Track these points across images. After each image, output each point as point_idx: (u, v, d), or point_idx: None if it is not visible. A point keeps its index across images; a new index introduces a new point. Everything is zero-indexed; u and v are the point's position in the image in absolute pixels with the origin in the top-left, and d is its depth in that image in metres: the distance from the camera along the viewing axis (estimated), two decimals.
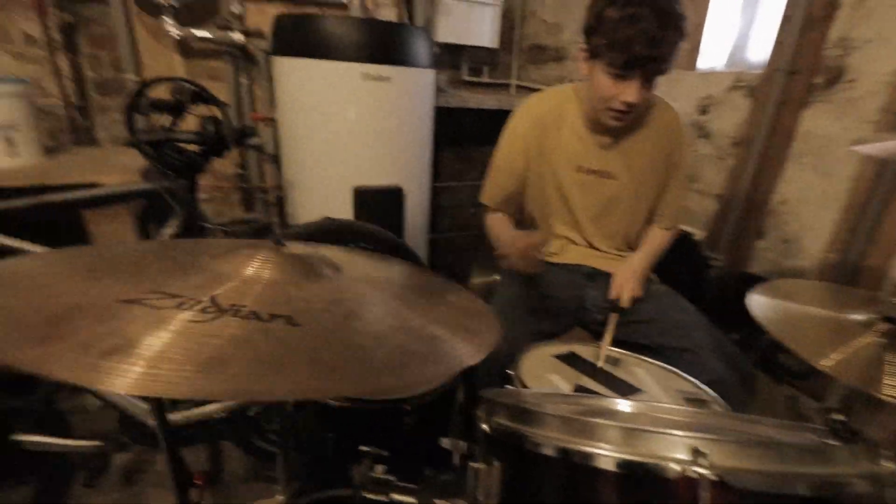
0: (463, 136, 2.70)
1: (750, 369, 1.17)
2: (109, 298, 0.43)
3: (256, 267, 0.55)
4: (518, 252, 1.15)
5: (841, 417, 0.47)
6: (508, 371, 1.01)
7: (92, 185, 1.27)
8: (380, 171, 1.80)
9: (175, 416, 1.16)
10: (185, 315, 0.42)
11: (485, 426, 0.50)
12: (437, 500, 0.55)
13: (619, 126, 1.19)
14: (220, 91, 1.94)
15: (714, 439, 0.38)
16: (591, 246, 1.38)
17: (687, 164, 1.38)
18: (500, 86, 2.72)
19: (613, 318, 1.21)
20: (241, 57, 1.91)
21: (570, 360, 1.10)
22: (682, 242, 1.85)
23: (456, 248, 2.89)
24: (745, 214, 1.72)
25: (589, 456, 0.41)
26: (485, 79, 2.65)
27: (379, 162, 1.79)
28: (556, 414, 0.45)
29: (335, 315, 0.48)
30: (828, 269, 1.49)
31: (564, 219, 1.37)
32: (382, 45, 1.68)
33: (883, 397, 0.73)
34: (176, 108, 1.11)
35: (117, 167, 1.47)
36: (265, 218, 2.07)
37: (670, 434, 0.38)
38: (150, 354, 0.36)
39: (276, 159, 2.00)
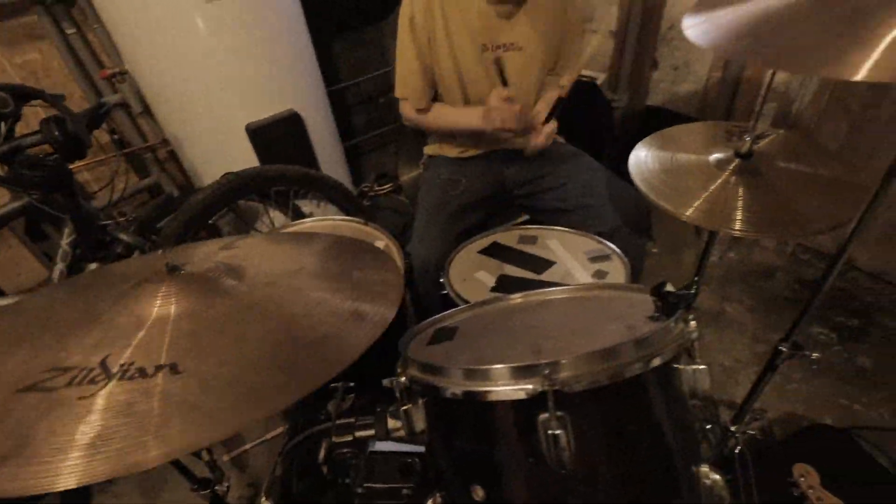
0: (351, 20, 2.42)
1: (647, 207, 1.31)
2: (9, 388, 0.46)
3: (155, 306, 0.58)
4: (510, 117, 1.18)
5: (668, 290, 0.59)
6: (441, 279, 1.13)
7: None
8: (268, 98, 1.65)
9: None
10: (75, 392, 0.46)
11: (403, 379, 0.61)
12: (390, 426, 0.68)
13: None
14: (48, 51, 1.65)
15: (564, 362, 0.50)
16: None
17: (580, 13, 1.35)
18: None
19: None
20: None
21: (494, 251, 1.22)
22: (586, 89, 1.88)
23: (379, 145, 2.81)
24: (639, 48, 1.73)
25: (485, 393, 0.53)
26: None
27: (261, 89, 1.63)
28: (456, 366, 0.55)
29: (229, 339, 0.53)
30: (713, 87, 1.58)
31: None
32: None
33: (736, 234, 0.87)
34: (5, 117, 0.98)
35: None
36: (163, 180, 1.92)
37: (532, 367, 0.50)
38: (39, 450, 0.40)
39: (149, 112, 1.79)
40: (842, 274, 1.73)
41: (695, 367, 0.56)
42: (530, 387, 0.50)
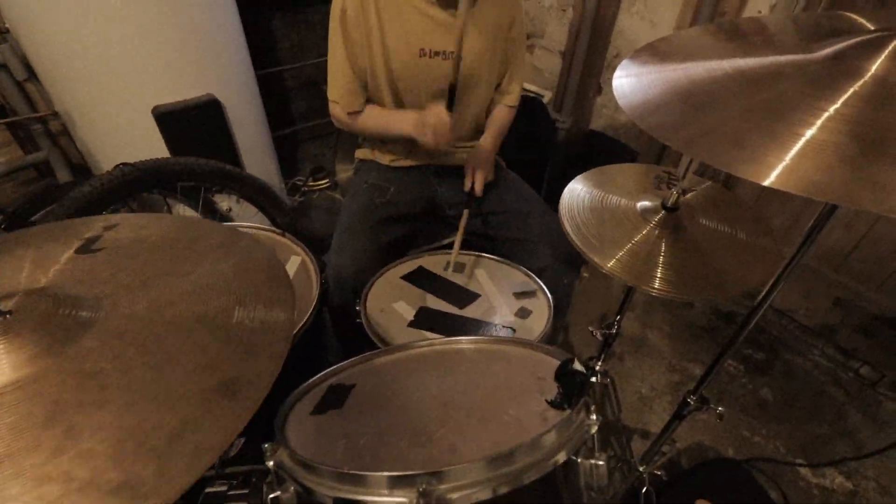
0: None
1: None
2: None
3: None
4: (443, 134, 1.10)
5: (575, 368, 0.54)
6: (357, 307, 1.04)
7: None
8: (181, 79, 1.47)
9: None
10: None
11: (270, 463, 0.52)
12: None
13: None
14: None
15: (445, 472, 0.43)
16: None
17: (524, 34, 1.29)
18: None
19: (465, 216, 1.22)
20: None
21: (418, 277, 1.14)
22: (532, 106, 1.84)
23: (319, 135, 2.64)
24: (586, 71, 1.71)
25: (357, 503, 0.46)
26: None
27: (174, 68, 1.44)
28: (329, 468, 0.47)
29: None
30: None
31: None
32: None
33: (653, 292, 0.85)
34: None
35: None
36: (55, 157, 1.67)
37: (409, 477, 0.42)
38: None
39: (37, 78, 1.54)
40: (753, 309, 1.82)
41: (594, 461, 0.52)
42: (405, 500, 0.43)
